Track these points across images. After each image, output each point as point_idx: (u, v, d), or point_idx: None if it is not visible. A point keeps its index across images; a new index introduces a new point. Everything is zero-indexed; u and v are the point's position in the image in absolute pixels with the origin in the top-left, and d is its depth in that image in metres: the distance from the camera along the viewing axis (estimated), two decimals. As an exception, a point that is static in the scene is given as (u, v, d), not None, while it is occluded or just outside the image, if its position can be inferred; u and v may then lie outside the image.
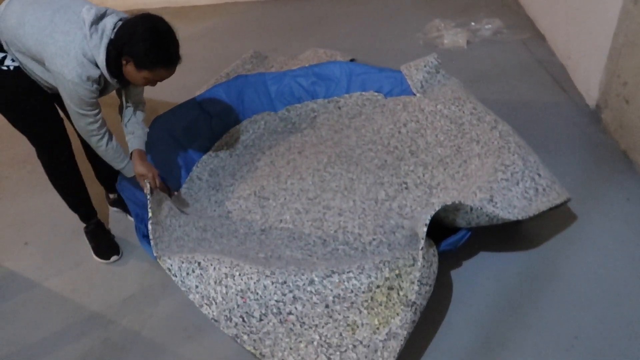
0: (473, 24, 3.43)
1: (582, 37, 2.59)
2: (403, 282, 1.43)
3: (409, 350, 1.49)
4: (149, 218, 1.74)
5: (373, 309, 1.43)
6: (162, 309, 1.81)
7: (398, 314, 1.41)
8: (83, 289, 1.95)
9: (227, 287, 1.52)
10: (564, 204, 1.74)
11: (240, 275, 1.53)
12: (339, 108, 2.62)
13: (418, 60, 2.44)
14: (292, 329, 1.47)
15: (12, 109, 1.78)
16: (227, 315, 1.51)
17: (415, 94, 2.38)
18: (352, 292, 1.45)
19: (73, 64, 1.58)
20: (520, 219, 1.64)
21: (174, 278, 1.59)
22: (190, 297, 1.57)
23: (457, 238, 1.64)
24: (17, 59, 1.70)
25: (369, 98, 2.58)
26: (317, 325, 1.46)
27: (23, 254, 2.18)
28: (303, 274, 1.50)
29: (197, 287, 1.57)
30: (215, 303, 1.53)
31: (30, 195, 2.53)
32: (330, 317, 1.46)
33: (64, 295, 1.93)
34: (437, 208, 1.50)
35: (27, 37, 1.61)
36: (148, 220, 1.73)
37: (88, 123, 1.74)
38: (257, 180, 2.25)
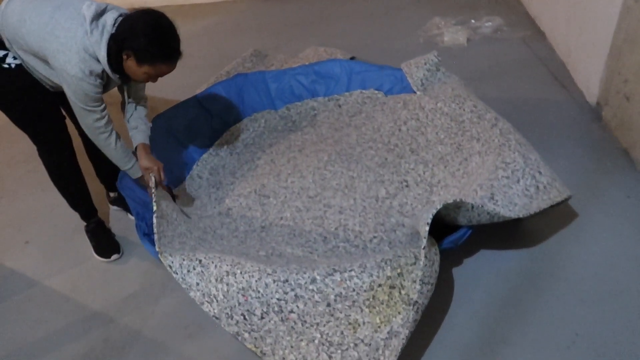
0: (473, 22, 3.43)
1: (582, 34, 2.58)
2: (405, 280, 1.43)
3: (411, 347, 1.49)
4: (154, 211, 1.73)
5: (375, 308, 1.43)
6: (162, 308, 1.81)
7: (400, 313, 1.41)
8: (84, 288, 1.95)
9: (228, 285, 1.52)
10: (565, 202, 1.74)
11: (242, 273, 1.53)
12: (339, 106, 2.62)
13: (418, 58, 2.44)
14: (293, 327, 1.47)
15: (13, 107, 1.78)
16: (228, 313, 1.51)
17: (416, 92, 2.38)
18: (353, 290, 1.44)
19: (75, 60, 1.58)
20: (521, 217, 1.64)
21: (175, 275, 1.59)
22: (191, 294, 1.56)
23: (458, 236, 1.64)
24: (19, 57, 1.70)
25: (369, 96, 2.58)
26: (318, 324, 1.46)
27: (23, 253, 2.18)
28: (305, 272, 1.50)
29: (198, 284, 1.56)
30: (217, 301, 1.52)
31: (31, 194, 2.53)
32: (332, 315, 1.46)
33: (65, 294, 1.93)
34: (438, 206, 1.50)
35: (28, 34, 1.61)
36: (152, 214, 1.72)
37: (95, 120, 1.73)
38: (257, 179, 2.25)
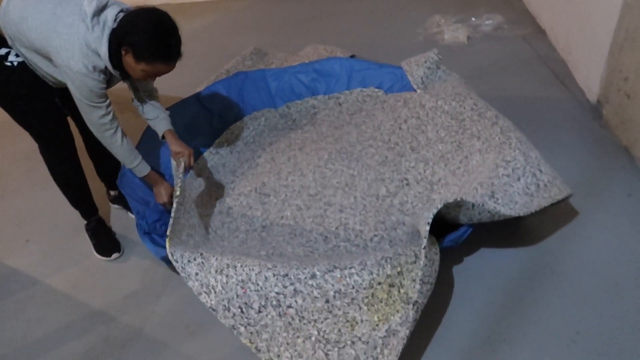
0: (473, 20, 3.42)
1: (583, 32, 2.58)
2: (404, 279, 1.43)
3: (411, 346, 1.49)
4: (176, 196, 1.73)
5: (373, 306, 1.43)
6: (163, 306, 1.81)
7: (398, 311, 1.41)
8: (84, 287, 1.95)
9: (227, 276, 1.52)
10: (565, 200, 1.74)
11: (242, 266, 1.52)
12: (340, 104, 2.62)
13: (418, 56, 2.43)
14: (290, 323, 1.47)
15: (16, 105, 1.78)
16: (225, 305, 1.50)
17: (416, 90, 2.38)
18: (353, 287, 1.44)
19: (78, 56, 1.58)
20: (522, 215, 1.64)
21: (175, 264, 1.58)
22: (190, 284, 1.55)
23: (458, 234, 1.64)
24: (22, 54, 1.70)
25: (370, 94, 2.58)
26: (316, 320, 1.46)
27: (24, 252, 2.18)
28: (305, 268, 1.49)
29: (197, 274, 1.55)
30: (215, 292, 1.52)
31: (31, 193, 2.53)
32: (330, 312, 1.45)
33: (65, 293, 1.94)
34: (439, 205, 1.50)
35: (30, 31, 1.61)
36: (174, 198, 1.74)
37: (100, 116, 1.72)
38: (257, 177, 2.25)
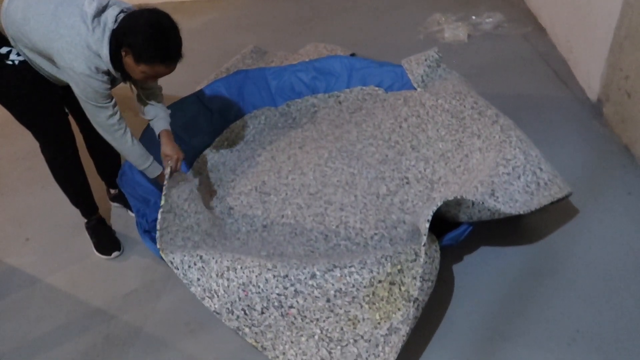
0: (474, 18, 3.42)
1: (583, 30, 2.58)
2: (405, 277, 1.43)
3: (411, 344, 1.49)
4: (161, 205, 1.71)
5: (374, 304, 1.43)
6: (163, 305, 1.81)
7: (399, 309, 1.41)
8: (84, 285, 1.95)
9: (228, 280, 1.52)
10: (566, 198, 1.74)
11: (242, 269, 1.53)
12: (340, 103, 2.61)
13: (419, 55, 2.43)
14: (293, 323, 1.47)
15: (17, 104, 1.78)
16: (228, 308, 1.51)
17: (416, 89, 2.38)
18: (353, 286, 1.45)
19: (81, 58, 1.57)
20: (522, 213, 1.64)
21: (176, 271, 1.59)
22: (192, 289, 1.57)
23: (458, 233, 1.64)
24: (24, 54, 1.70)
25: (370, 93, 2.57)
26: (318, 319, 1.46)
27: (24, 250, 2.18)
28: (305, 268, 1.50)
29: (198, 280, 1.57)
30: (217, 296, 1.53)
31: (31, 192, 2.53)
32: (332, 311, 1.46)
33: (66, 291, 1.94)
34: (439, 203, 1.49)
35: (32, 33, 1.60)
36: (158, 208, 1.71)
37: (108, 116, 1.71)
38: (258, 176, 2.25)
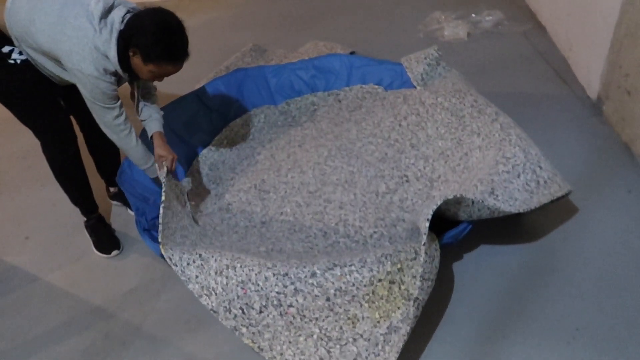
0: (473, 16, 3.42)
1: (583, 28, 2.57)
2: (405, 276, 1.43)
3: (411, 343, 1.49)
4: (162, 201, 1.73)
5: (374, 303, 1.43)
6: (163, 303, 1.81)
7: (399, 308, 1.41)
8: (84, 284, 1.95)
9: (227, 278, 1.52)
10: (565, 197, 1.74)
11: (242, 267, 1.52)
12: (339, 101, 2.61)
13: (418, 53, 2.43)
14: (292, 322, 1.47)
15: (18, 103, 1.78)
16: (226, 307, 1.50)
17: (416, 87, 2.37)
18: (353, 285, 1.44)
19: (89, 59, 1.57)
20: (522, 212, 1.64)
21: (174, 267, 1.58)
22: (190, 287, 1.56)
23: (458, 231, 1.64)
24: (27, 55, 1.69)
25: (369, 91, 2.57)
26: (317, 319, 1.46)
27: (24, 249, 2.18)
28: (305, 267, 1.49)
29: (197, 277, 1.56)
30: (215, 294, 1.52)
31: (31, 190, 2.53)
32: (331, 310, 1.46)
33: (65, 290, 1.94)
34: (438, 202, 1.49)
35: (38, 34, 1.59)
36: (160, 204, 1.72)
37: (114, 117, 1.72)
38: (257, 174, 2.25)
